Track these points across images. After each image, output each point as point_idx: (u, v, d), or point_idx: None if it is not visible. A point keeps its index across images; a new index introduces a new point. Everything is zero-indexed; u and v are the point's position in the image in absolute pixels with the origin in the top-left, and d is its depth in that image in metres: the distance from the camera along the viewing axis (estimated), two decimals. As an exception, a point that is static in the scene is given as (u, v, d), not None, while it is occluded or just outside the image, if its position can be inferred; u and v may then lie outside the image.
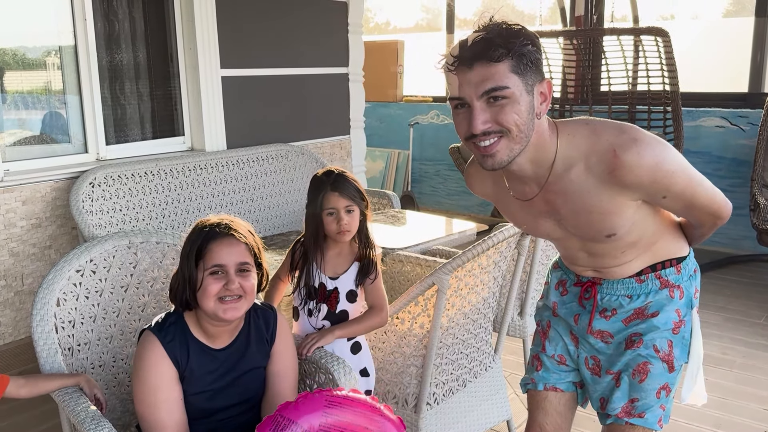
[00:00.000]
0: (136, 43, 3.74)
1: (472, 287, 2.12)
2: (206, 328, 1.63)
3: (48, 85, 3.52)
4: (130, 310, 1.99)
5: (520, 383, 1.80)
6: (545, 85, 1.36)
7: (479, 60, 1.30)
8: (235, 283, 1.56)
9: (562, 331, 1.70)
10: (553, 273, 1.75)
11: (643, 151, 1.33)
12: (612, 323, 1.58)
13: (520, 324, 2.71)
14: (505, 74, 1.29)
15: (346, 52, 4.66)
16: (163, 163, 3.51)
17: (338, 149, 4.71)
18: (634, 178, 1.35)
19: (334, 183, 1.94)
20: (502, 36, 1.29)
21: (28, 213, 3.18)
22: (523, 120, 1.33)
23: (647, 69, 4.75)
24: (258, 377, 1.71)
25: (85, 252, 1.90)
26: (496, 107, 1.31)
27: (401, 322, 2.10)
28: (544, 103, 1.36)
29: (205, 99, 3.82)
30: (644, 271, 1.54)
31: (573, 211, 1.45)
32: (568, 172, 1.41)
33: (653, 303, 1.54)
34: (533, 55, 1.31)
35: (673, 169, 1.36)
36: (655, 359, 1.53)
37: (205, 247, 1.58)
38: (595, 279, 1.60)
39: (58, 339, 1.80)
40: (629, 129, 1.37)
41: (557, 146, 1.40)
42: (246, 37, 4.00)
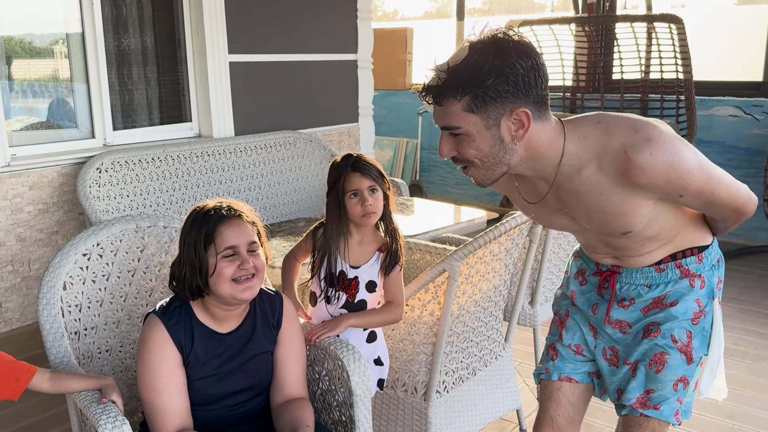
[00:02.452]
0: (144, 28, 3.70)
1: (483, 274, 2.08)
2: (214, 312, 1.61)
3: (55, 70, 3.50)
4: (137, 294, 1.96)
5: (534, 373, 1.76)
6: (519, 113, 1.29)
7: (433, 101, 1.34)
8: (249, 262, 1.55)
9: (580, 321, 1.66)
10: (573, 262, 1.71)
11: (656, 151, 1.29)
12: (630, 312, 1.54)
13: (530, 313, 2.68)
14: (457, 114, 1.30)
15: (355, 38, 4.62)
16: (171, 149, 3.48)
17: (347, 137, 4.67)
18: (647, 179, 1.31)
19: (354, 164, 1.90)
20: (456, 76, 1.28)
21: (35, 198, 3.16)
22: (485, 153, 1.33)
23: (660, 57, 4.68)
24: (265, 362, 1.69)
25: (92, 235, 1.88)
26: (456, 139, 1.35)
27: (411, 309, 2.07)
28: (522, 129, 1.31)
29: (212, 85, 3.79)
30: (664, 260, 1.50)
31: (586, 210, 1.43)
32: (580, 173, 1.37)
33: (672, 292, 1.50)
34: (496, 88, 1.26)
35: (688, 169, 1.31)
36: (673, 350, 1.49)
37: (214, 231, 1.55)
38: (614, 268, 1.56)
39: (65, 323, 1.78)
40: (643, 127, 1.32)
41: (563, 150, 1.36)
42: (254, 22, 3.96)
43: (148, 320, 1.60)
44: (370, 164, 1.91)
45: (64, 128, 3.48)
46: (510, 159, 1.35)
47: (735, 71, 5.42)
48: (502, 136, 1.32)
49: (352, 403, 1.71)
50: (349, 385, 1.70)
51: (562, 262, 2.79)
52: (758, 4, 5.90)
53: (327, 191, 1.96)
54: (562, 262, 2.79)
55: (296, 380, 1.71)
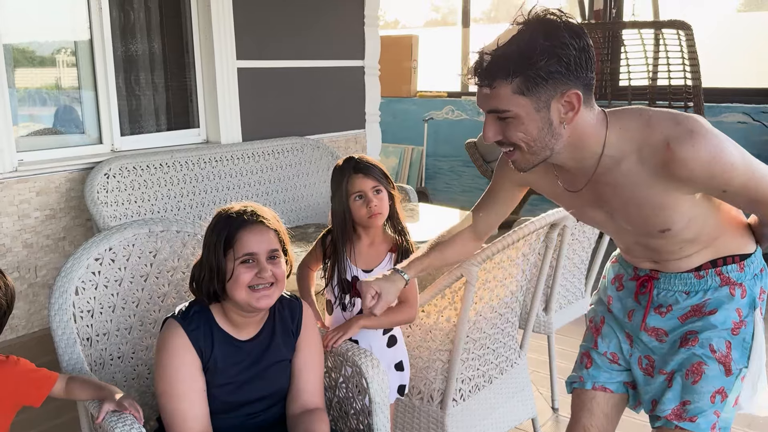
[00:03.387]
0: (152, 34, 3.69)
1: (500, 280, 2.05)
2: (233, 319, 1.58)
3: (62, 76, 3.48)
4: (150, 300, 1.93)
5: (566, 381, 1.71)
6: (570, 95, 1.26)
7: (481, 83, 1.30)
8: (268, 270, 1.52)
9: (616, 328, 1.61)
10: (611, 267, 1.67)
11: (699, 143, 1.25)
12: (667, 320, 1.50)
13: (545, 320, 2.64)
14: (506, 97, 1.27)
15: (362, 44, 4.60)
16: (178, 155, 3.46)
17: (353, 143, 4.65)
18: (689, 172, 1.27)
19: (356, 166, 1.87)
20: (506, 58, 1.25)
21: (42, 204, 3.13)
22: (533, 137, 1.30)
23: (668, 63, 4.66)
24: (284, 370, 1.66)
25: (104, 240, 1.85)
26: (503, 123, 1.31)
27: (427, 315, 2.04)
28: (572, 112, 1.28)
29: (220, 90, 3.77)
30: (704, 267, 1.45)
31: (624, 204, 1.39)
32: (619, 165, 1.34)
33: (712, 300, 1.45)
34: (548, 69, 1.23)
35: (731, 162, 1.27)
36: (711, 360, 1.44)
37: (234, 235, 1.52)
38: (652, 273, 1.52)
39: (77, 329, 1.75)
40: (686, 120, 1.29)
41: (605, 139, 1.33)
42: (262, 28, 3.94)
43: (167, 325, 1.57)
44: (372, 165, 1.88)
45: (71, 134, 3.46)
46: (555, 144, 1.32)
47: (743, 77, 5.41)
48: (551, 118, 1.28)
49: (371, 411, 1.67)
50: (368, 393, 1.66)
51: (577, 269, 2.76)
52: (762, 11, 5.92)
53: (331, 196, 1.93)
54: (577, 269, 2.76)
55: (314, 389, 1.67)
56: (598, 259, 2.86)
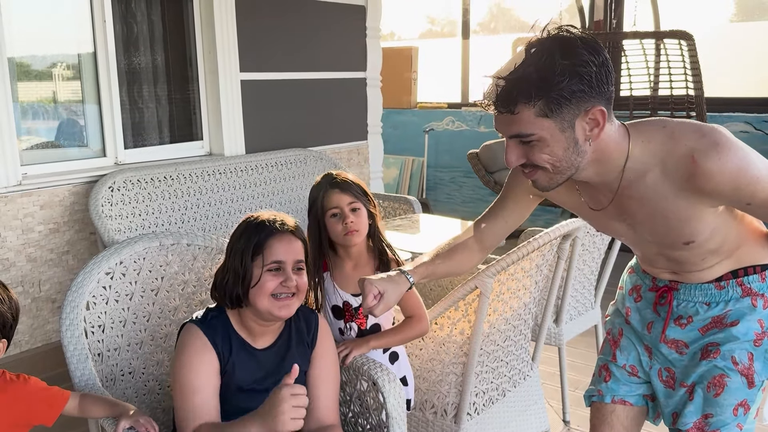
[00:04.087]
0: (155, 47, 3.68)
1: (514, 291, 2.03)
2: (250, 327, 1.58)
3: (66, 88, 3.47)
4: (161, 314, 1.91)
5: (585, 395, 1.68)
6: (594, 112, 1.23)
7: (501, 111, 1.26)
8: (293, 280, 1.52)
9: (635, 340, 1.59)
10: (628, 278, 1.65)
11: (725, 156, 1.23)
12: (687, 332, 1.48)
13: (555, 332, 2.62)
14: (529, 121, 1.24)
15: (364, 56, 4.61)
16: (182, 168, 3.44)
17: (356, 155, 4.64)
18: (715, 185, 1.25)
19: (333, 182, 1.84)
20: (527, 80, 1.21)
21: (46, 218, 3.11)
22: (559, 157, 1.27)
23: (670, 73, 4.67)
24: (298, 382, 1.63)
25: (114, 254, 1.83)
26: (527, 147, 1.28)
27: (440, 328, 2.01)
28: (597, 128, 1.26)
29: (224, 103, 3.76)
30: (725, 277, 1.43)
31: (649, 216, 1.37)
32: (644, 178, 1.32)
33: (733, 311, 1.43)
34: (570, 89, 1.20)
35: (757, 176, 1.25)
36: (733, 372, 1.42)
37: (264, 242, 1.53)
38: (672, 284, 1.50)
39: (88, 344, 1.72)
40: (710, 132, 1.27)
41: (628, 153, 1.31)
42: (265, 41, 3.94)
43: (186, 329, 1.57)
44: (350, 181, 1.85)
45: (75, 147, 3.44)
46: (580, 161, 1.29)
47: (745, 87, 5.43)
48: (576, 137, 1.26)
49: (388, 426, 1.65)
50: (385, 408, 1.64)
51: (587, 279, 2.74)
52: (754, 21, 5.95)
53: (307, 214, 1.89)
54: (587, 279, 2.74)
55: (329, 404, 1.65)
56: (608, 269, 2.85)
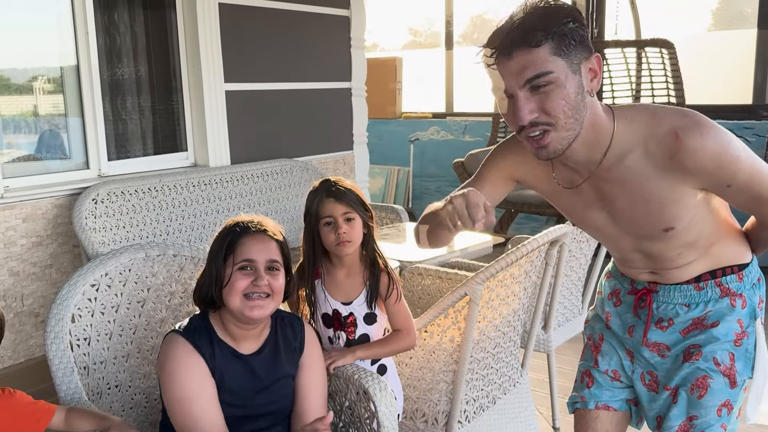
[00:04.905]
0: (138, 58, 3.66)
1: (503, 298, 2.03)
2: (232, 331, 1.56)
3: (48, 100, 3.43)
4: (147, 326, 1.88)
5: (568, 402, 1.68)
6: (593, 61, 1.28)
7: (518, 47, 1.24)
8: (264, 279, 1.50)
9: (616, 345, 1.59)
10: (606, 282, 1.65)
11: (707, 134, 1.26)
12: (669, 334, 1.49)
13: (544, 338, 2.62)
14: (546, 59, 1.23)
15: (348, 66, 4.61)
16: (167, 179, 3.42)
17: (342, 165, 4.64)
18: (697, 162, 1.27)
19: (329, 190, 1.81)
20: (539, 18, 1.24)
21: (29, 231, 3.07)
22: (572, 104, 1.26)
23: (651, 82, 4.73)
24: (288, 387, 1.63)
25: (100, 265, 1.81)
26: (541, 95, 1.25)
27: (430, 336, 2.01)
28: (595, 80, 1.29)
29: (208, 114, 3.74)
30: (703, 277, 1.44)
31: (630, 200, 1.37)
32: (624, 159, 1.33)
33: (713, 312, 1.44)
34: (577, 33, 1.24)
35: (737, 155, 1.28)
36: (716, 373, 1.43)
37: (236, 242, 1.52)
38: (650, 286, 1.50)
39: (74, 357, 1.69)
40: (691, 113, 1.31)
41: (614, 130, 1.32)
42: (250, 51, 3.93)
43: (169, 338, 1.54)
44: (347, 190, 1.81)
45: (58, 159, 3.41)
46: (581, 123, 1.29)
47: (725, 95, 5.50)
48: (583, 83, 1.26)
49: (379, 435, 1.63)
50: (376, 417, 1.63)
51: (574, 285, 2.75)
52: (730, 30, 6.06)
53: (303, 220, 1.87)
54: (574, 285, 2.75)
55: (318, 409, 1.64)
56: (594, 275, 2.86)
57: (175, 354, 1.49)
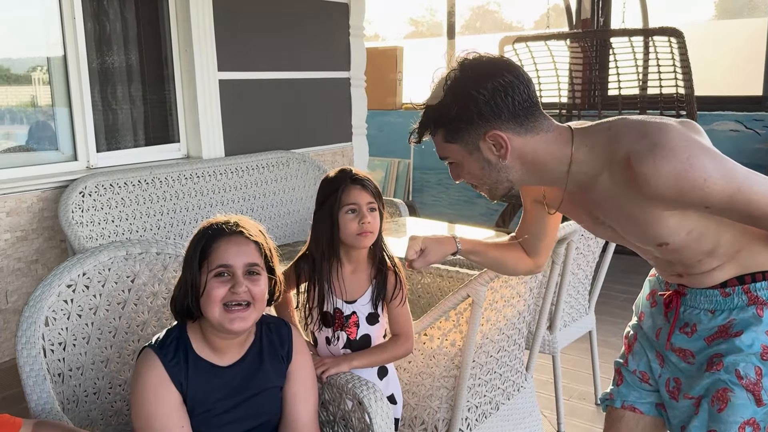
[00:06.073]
0: (129, 46, 3.52)
1: (508, 299, 1.91)
2: (212, 342, 1.44)
3: (35, 90, 3.31)
4: (128, 329, 1.77)
5: (600, 398, 1.62)
6: (493, 136, 1.30)
7: (416, 140, 1.43)
8: (243, 285, 1.37)
9: (646, 346, 1.51)
10: (647, 282, 1.57)
11: (661, 159, 1.16)
12: (694, 341, 1.38)
13: (549, 339, 2.51)
14: (441, 146, 1.37)
15: (347, 55, 4.48)
16: (158, 171, 3.29)
17: (340, 157, 4.51)
18: (653, 190, 1.19)
19: (353, 177, 1.71)
20: (428, 113, 1.37)
21: (13, 225, 2.95)
22: (479, 176, 1.36)
23: (659, 72, 4.58)
24: (274, 398, 1.51)
25: (77, 264, 1.69)
26: (453, 166, 1.40)
27: (430, 339, 1.89)
28: (503, 149, 1.31)
29: (201, 103, 3.61)
30: (730, 283, 1.33)
31: (617, 220, 1.33)
32: (597, 181, 1.28)
33: (738, 321, 1.32)
34: (463, 117, 1.29)
35: (704, 177, 1.16)
36: (738, 387, 1.31)
37: (210, 246, 1.40)
38: (680, 288, 1.41)
39: (47, 363, 1.58)
40: (654, 132, 1.20)
41: (571, 158, 1.30)
42: (244, 39, 3.80)
43: (144, 355, 1.42)
44: (369, 179, 1.73)
45: (44, 151, 3.28)
46: (508, 175, 1.35)
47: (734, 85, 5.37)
48: (486, 158, 1.33)
49: (375, 448, 1.52)
50: (371, 429, 1.51)
51: (581, 284, 2.63)
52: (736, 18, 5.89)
53: (315, 209, 1.75)
54: (581, 284, 2.63)
55: (309, 421, 1.53)
56: (602, 274, 2.74)
57: (146, 380, 1.38)
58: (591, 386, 2.92)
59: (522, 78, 1.30)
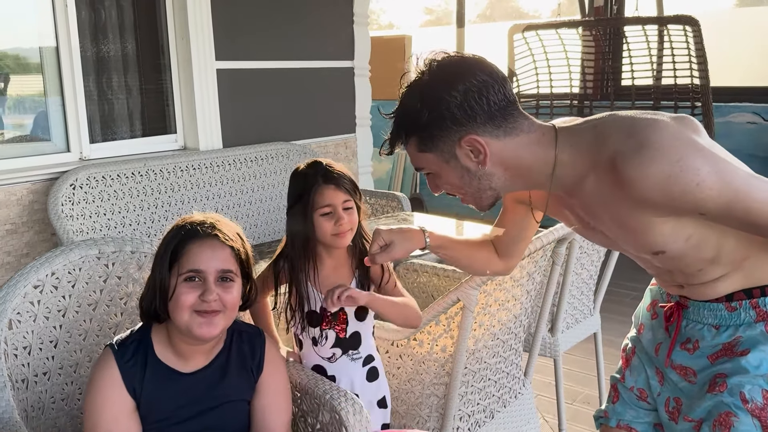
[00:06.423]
0: (124, 33, 3.44)
1: (502, 303, 1.81)
2: (177, 346, 1.36)
3: (26, 79, 3.23)
4: (100, 332, 1.68)
5: (594, 415, 1.51)
6: (469, 140, 1.20)
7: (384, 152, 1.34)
8: (213, 293, 1.29)
9: (645, 361, 1.39)
10: (649, 290, 1.45)
11: (648, 160, 1.06)
12: (696, 358, 1.27)
13: (550, 342, 2.40)
14: (415, 156, 1.28)
15: (351, 44, 4.36)
16: (152, 163, 3.21)
17: (343, 148, 4.41)
18: (640, 194, 1.08)
19: (325, 174, 1.61)
20: (399, 122, 1.27)
21: (2, 218, 2.88)
22: (458, 185, 1.28)
23: (674, 61, 4.43)
24: (238, 412, 1.43)
25: (45, 264, 1.60)
26: (430, 176, 1.31)
27: (419, 344, 1.79)
28: (481, 155, 1.21)
29: (198, 94, 3.52)
30: (736, 296, 1.21)
31: (607, 226, 1.22)
32: (583, 184, 1.17)
33: (744, 339, 1.20)
34: (436, 123, 1.20)
35: (696, 181, 1.05)
36: (742, 411, 1.19)
37: (182, 248, 1.31)
38: (682, 300, 1.29)
39: (8, 369, 1.49)
40: (642, 129, 1.09)
41: (555, 160, 1.19)
42: (243, 27, 3.70)
43: (103, 354, 1.37)
44: (343, 174, 1.63)
45: (36, 142, 3.21)
46: (490, 183, 1.25)
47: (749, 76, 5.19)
48: (465, 166, 1.23)
49: (352, 465, 1.42)
50: (348, 444, 1.41)
51: (585, 284, 2.52)
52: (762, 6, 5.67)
53: (288, 207, 1.66)
54: (585, 284, 2.52)
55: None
56: (608, 273, 2.62)
57: (97, 382, 1.31)
58: (595, 389, 2.81)
59: (496, 76, 1.21)
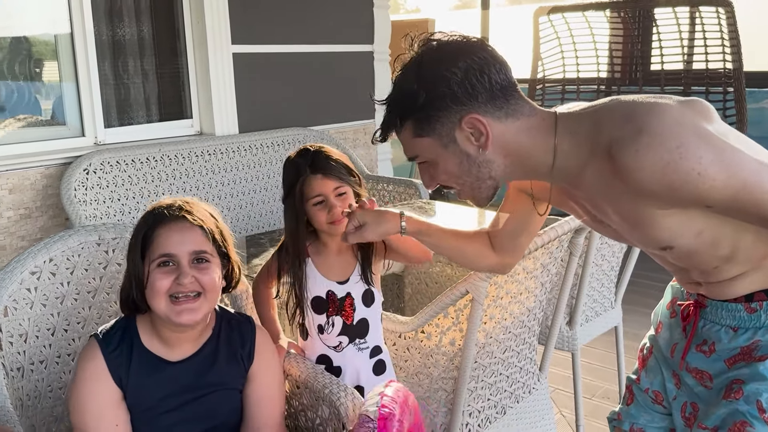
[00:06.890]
0: (140, 17, 3.40)
1: (514, 295, 1.73)
2: (162, 334, 1.33)
3: (41, 63, 3.21)
4: (99, 319, 1.65)
5: (608, 417, 1.45)
6: (469, 121, 1.13)
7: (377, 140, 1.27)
8: (188, 276, 1.26)
9: (662, 362, 1.32)
10: (670, 287, 1.37)
11: (645, 147, 0.98)
12: (712, 362, 1.18)
13: (569, 335, 2.31)
14: (410, 143, 1.21)
15: (371, 28, 4.28)
16: (167, 148, 3.18)
17: (362, 135, 4.34)
18: (637, 184, 1.00)
19: (313, 163, 1.56)
20: (394, 104, 1.20)
21: (16, 202, 2.87)
22: (456, 174, 1.20)
23: (705, 45, 4.27)
24: (228, 400, 1.39)
25: (43, 250, 1.58)
26: (428, 166, 1.23)
27: (427, 337, 1.72)
28: (483, 136, 1.14)
29: (214, 78, 3.47)
30: (756, 297, 1.12)
31: (612, 219, 1.14)
32: (584, 174, 1.09)
33: (763, 343, 1.12)
34: (433, 105, 1.13)
35: (698, 171, 0.96)
36: (758, 421, 1.11)
37: (151, 233, 1.28)
38: (700, 298, 1.20)
39: (3, 357, 1.46)
40: (641, 115, 1.01)
41: (555, 147, 1.11)
42: (260, 10, 3.64)
43: (88, 343, 1.34)
44: (333, 160, 1.56)
45: (51, 126, 3.20)
46: (490, 171, 1.18)
47: None
48: (464, 150, 1.16)
49: (351, 463, 1.37)
50: (347, 441, 1.36)
51: (606, 276, 2.42)
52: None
53: (284, 195, 1.62)
54: (606, 276, 2.42)
55: (274, 425, 1.40)
56: (630, 264, 2.52)
57: (82, 372, 1.29)
58: (616, 384, 2.71)
59: (497, 58, 1.15)
